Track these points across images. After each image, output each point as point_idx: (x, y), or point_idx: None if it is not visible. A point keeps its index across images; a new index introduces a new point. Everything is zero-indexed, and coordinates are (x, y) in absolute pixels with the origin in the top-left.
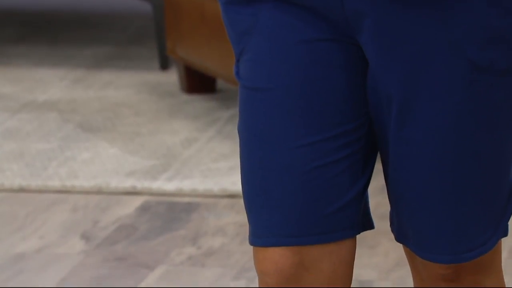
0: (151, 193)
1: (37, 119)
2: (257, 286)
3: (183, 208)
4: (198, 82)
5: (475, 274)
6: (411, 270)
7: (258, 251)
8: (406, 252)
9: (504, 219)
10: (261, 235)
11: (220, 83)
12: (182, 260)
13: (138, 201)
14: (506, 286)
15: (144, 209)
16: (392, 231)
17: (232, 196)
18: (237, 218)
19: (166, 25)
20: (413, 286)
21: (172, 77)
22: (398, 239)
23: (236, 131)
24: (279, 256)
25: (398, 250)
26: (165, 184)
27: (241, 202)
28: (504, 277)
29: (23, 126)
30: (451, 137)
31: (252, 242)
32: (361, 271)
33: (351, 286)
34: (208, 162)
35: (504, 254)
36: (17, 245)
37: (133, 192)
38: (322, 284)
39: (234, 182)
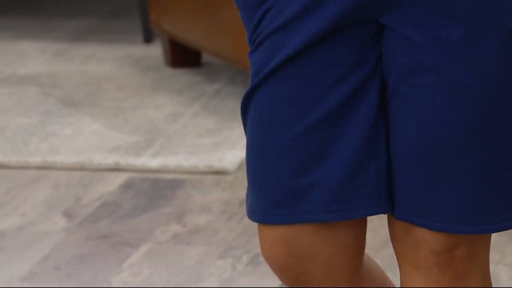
0: (135, 169)
1: (17, 93)
2: (244, 264)
3: (168, 185)
4: (182, 56)
5: (467, 255)
6: (398, 257)
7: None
8: (394, 235)
9: None
10: (256, 210)
11: (205, 57)
12: (167, 238)
13: (121, 177)
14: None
15: (127, 186)
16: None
17: (218, 172)
18: (223, 195)
19: None
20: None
21: (156, 51)
22: (399, 216)
23: (222, 105)
24: (272, 240)
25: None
26: (149, 161)
27: (227, 178)
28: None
29: (2, 100)
30: (481, 105)
31: (249, 215)
32: None
33: None
34: (193, 138)
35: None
36: None
37: (116, 169)
38: (318, 274)
39: (220, 158)
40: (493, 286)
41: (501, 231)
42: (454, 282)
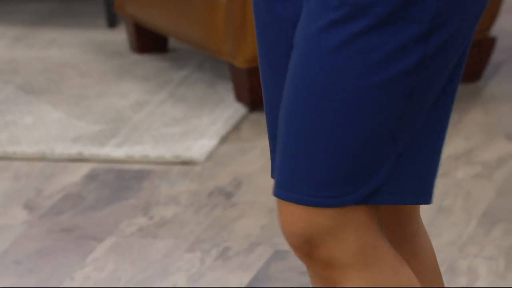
0: (98, 160)
1: None
2: (213, 258)
3: (133, 176)
4: (148, 41)
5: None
6: None
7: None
8: None
9: (367, 183)
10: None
11: (172, 42)
12: (132, 231)
13: (85, 168)
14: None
15: (91, 177)
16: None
17: (185, 163)
18: (191, 187)
19: None
20: None
21: (120, 36)
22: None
23: (190, 93)
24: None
25: None
26: (114, 151)
27: (195, 169)
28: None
29: None
30: (313, 76)
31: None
32: None
33: None
34: (159, 127)
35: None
36: None
37: (79, 159)
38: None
39: (187, 148)
40: (448, 276)
41: (341, 206)
42: (321, 264)
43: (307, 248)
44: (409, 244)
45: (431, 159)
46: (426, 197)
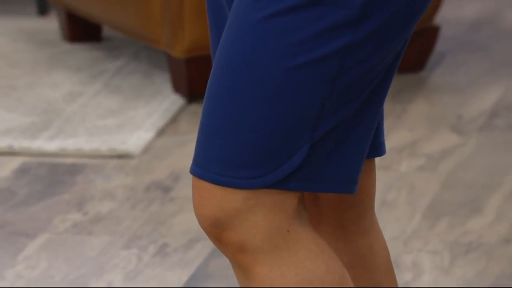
0: (30, 153)
1: None
2: (150, 254)
3: (67, 170)
4: (81, 30)
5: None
6: None
7: None
8: None
9: (280, 167)
10: None
11: (106, 31)
12: (66, 227)
13: (15, 162)
14: None
15: (22, 171)
16: None
17: (121, 156)
18: (127, 181)
19: None
20: None
21: (51, 24)
22: None
23: (125, 84)
24: None
25: None
26: (46, 144)
27: (131, 163)
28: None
29: None
30: (228, 55)
31: None
32: None
33: None
34: (94, 119)
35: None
36: None
37: (9, 153)
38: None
39: (123, 140)
40: (393, 271)
41: (250, 188)
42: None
43: (217, 231)
44: (364, 239)
45: (354, 150)
46: (346, 187)
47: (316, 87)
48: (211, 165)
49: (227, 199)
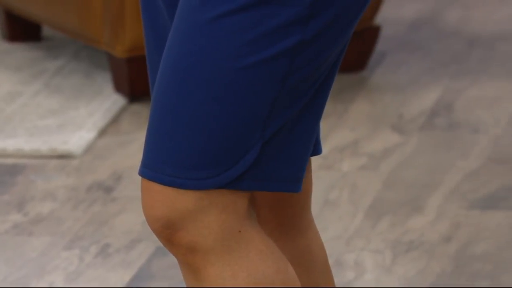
0: None
1: None
2: (92, 255)
3: (7, 170)
4: (20, 29)
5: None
6: None
7: None
8: None
9: (231, 167)
10: None
11: (45, 30)
12: (6, 228)
13: None
14: None
15: None
16: None
17: (62, 156)
18: (68, 181)
19: None
20: None
21: None
22: None
23: (66, 83)
24: None
25: None
26: None
27: (72, 163)
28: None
29: None
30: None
31: None
32: None
33: None
34: (34, 119)
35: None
36: None
37: None
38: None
39: (64, 141)
40: (331, 269)
41: (202, 189)
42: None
43: (168, 232)
44: (302, 238)
45: (300, 148)
46: (294, 186)
47: (266, 86)
48: (162, 167)
49: (179, 200)
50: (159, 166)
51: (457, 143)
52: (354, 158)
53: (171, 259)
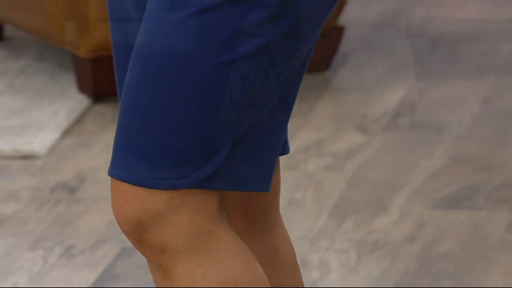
0: None
1: None
2: (56, 256)
3: None
4: None
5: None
6: None
7: None
8: None
9: (202, 167)
10: None
11: (8, 30)
12: None
13: None
14: None
15: None
16: None
17: (26, 157)
18: (32, 182)
19: None
20: None
21: None
22: None
23: (29, 83)
24: None
25: None
26: None
27: (36, 163)
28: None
29: None
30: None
31: None
32: None
33: None
34: None
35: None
36: None
37: None
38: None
39: (28, 141)
40: (299, 270)
41: (173, 189)
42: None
43: (138, 233)
44: (270, 238)
45: (269, 148)
46: (264, 185)
47: (237, 85)
48: (132, 167)
49: (150, 200)
50: (129, 166)
51: (420, 143)
52: (318, 158)
53: (136, 260)
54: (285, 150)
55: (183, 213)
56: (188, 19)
